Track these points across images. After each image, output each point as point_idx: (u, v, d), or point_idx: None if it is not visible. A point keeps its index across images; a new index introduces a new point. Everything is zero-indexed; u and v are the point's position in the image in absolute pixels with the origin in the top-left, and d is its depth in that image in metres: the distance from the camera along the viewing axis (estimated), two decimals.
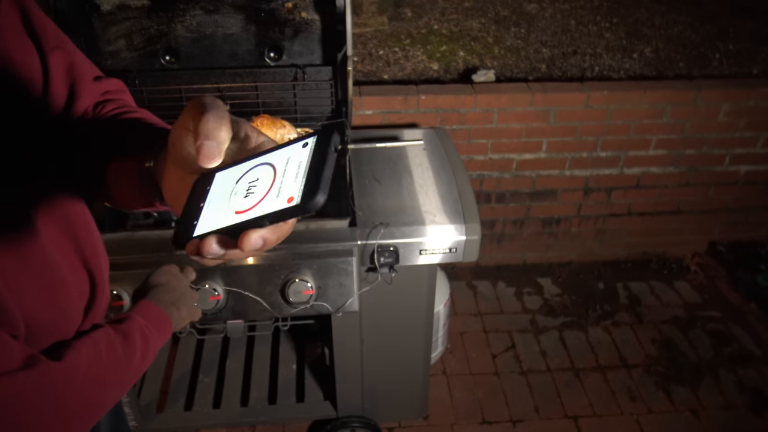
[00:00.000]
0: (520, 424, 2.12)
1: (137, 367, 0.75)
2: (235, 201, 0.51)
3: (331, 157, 0.50)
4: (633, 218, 2.69)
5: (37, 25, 0.67)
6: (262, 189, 0.50)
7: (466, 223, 1.49)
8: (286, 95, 1.77)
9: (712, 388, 2.24)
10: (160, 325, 0.86)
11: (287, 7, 1.67)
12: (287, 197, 0.48)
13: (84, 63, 0.74)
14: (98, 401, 0.67)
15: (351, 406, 1.90)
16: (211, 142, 0.49)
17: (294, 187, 0.48)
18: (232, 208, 0.50)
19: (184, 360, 2.14)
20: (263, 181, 0.50)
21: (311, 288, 1.41)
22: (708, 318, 2.54)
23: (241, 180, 0.52)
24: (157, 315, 0.87)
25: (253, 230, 0.48)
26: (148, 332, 0.80)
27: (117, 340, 0.73)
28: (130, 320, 0.80)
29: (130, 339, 0.75)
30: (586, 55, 2.82)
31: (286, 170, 0.50)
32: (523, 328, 2.49)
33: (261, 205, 0.49)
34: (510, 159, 2.46)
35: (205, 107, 0.50)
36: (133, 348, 0.75)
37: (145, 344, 0.78)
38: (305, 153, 0.51)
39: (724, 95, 2.37)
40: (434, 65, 2.72)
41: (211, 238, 0.48)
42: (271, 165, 0.51)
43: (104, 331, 0.73)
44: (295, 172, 0.50)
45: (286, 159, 0.51)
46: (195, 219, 0.51)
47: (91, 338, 0.69)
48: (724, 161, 2.56)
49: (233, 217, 0.49)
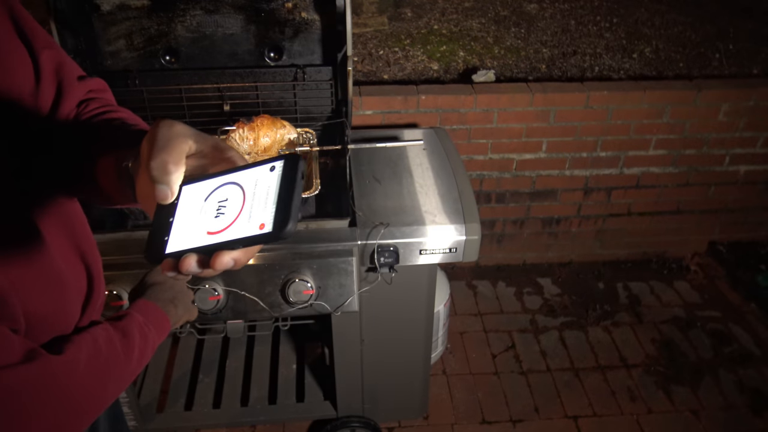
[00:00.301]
0: (520, 424, 2.12)
1: (136, 363, 0.76)
2: (205, 220, 0.54)
3: (298, 185, 0.52)
4: (633, 218, 2.69)
5: (26, 25, 0.68)
6: (232, 211, 0.53)
7: (466, 223, 1.49)
8: (286, 95, 1.77)
9: (712, 388, 2.24)
10: (158, 323, 0.86)
11: (287, 7, 1.67)
12: (258, 223, 0.51)
13: (70, 63, 0.75)
14: (97, 396, 0.68)
15: (351, 406, 1.90)
16: (160, 186, 0.53)
17: (265, 214, 0.51)
18: (204, 227, 0.53)
19: (184, 360, 2.14)
20: (233, 202, 0.53)
21: (311, 288, 1.41)
22: (708, 318, 2.54)
23: (209, 198, 0.55)
24: (155, 313, 0.88)
25: (225, 252, 0.51)
26: (147, 329, 0.81)
27: (116, 336, 0.73)
28: (128, 317, 0.80)
29: (128, 336, 0.76)
30: (586, 55, 2.82)
31: (256, 194, 0.53)
32: (523, 328, 2.49)
33: (233, 228, 0.52)
34: (510, 159, 2.46)
35: (153, 144, 0.53)
36: (132, 345, 0.75)
37: (144, 341, 0.79)
38: (274, 178, 0.53)
39: (724, 95, 2.37)
40: (434, 65, 2.72)
41: (191, 257, 0.51)
42: (240, 186, 0.54)
43: (103, 327, 0.73)
44: (264, 196, 0.52)
45: (255, 181, 0.54)
46: (165, 234, 0.54)
47: (91, 334, 0.70)
48: (724, 161, 2.56)
49: (206, 237, 0.53)
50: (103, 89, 0.80)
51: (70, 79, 0.74)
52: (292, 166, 0.53)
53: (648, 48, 2.89)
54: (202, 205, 0.55)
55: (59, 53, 0.73)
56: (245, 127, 1.59)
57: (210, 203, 0.54)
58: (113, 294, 1.36)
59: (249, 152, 1.61)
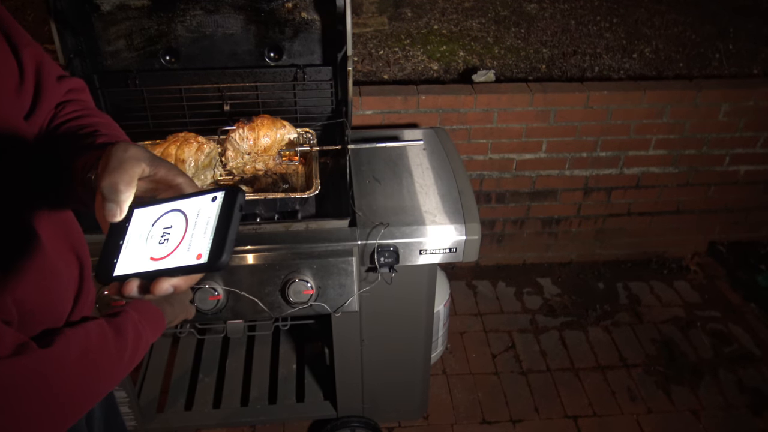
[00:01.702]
0: (520, 424, 2.12)
1: (129, 360, 0.76)
2: (151, 245, 0.58)
3: (236, 217, 0.56)
4: (633, 218, 2.69)
5: (6, 22, 0.68)
6: (174, 239, 0.57)
7: (466, 223, 1.49)
8: (286, 95, 1.77)
9: (712, 388, 2.24)
10: (153, 321, 0.86)
11: (287, 7, 1.67)
12: (196, 253, 0.55)
13: (49, 62, 0.76)
14: (88, 390, 0.68)
15: (351, 406, 1.90)
16: (110, 204, 0.56)
17: (202, 244, 0.55)
18: (148, 253, 0.58)
19: (184, 360, 2.14)
20: (176, 230, 0.58)
21: (311, 288, 1.41)
22: (708, 318, 2.54)
23: (156, 223, 0.59)
24: (151, 310, 0.87)
25: (165, 278, 0.55)
26: (141, 327, 0.81)
27: (110, 332, 0.73)
28: (123, 314, 0.80)
29: (122, 333, 0.76)
30: (586, 55, 2.82)
31: (197, 223, 0.57)
32: (523, 328, 2.49)
33: (173, 256, 0.56)
34: (510, 159, 2.46)
35: (107, 164, 0.57)
36: (125, 342, 0.75)
37: (138, 339, 0.78)
38: (214, 208, 0.57)
39: (724, 95, 2.37)
40: (434, 65, 2.72)
41: (133, 281, 0.56)
42: (184, 214, 0.58)
43: (97, 323, 0.73)
44: (204, 226, 0.56)
45: (197, 210, 0.58)
46: (115, 257, 0.59)
47: (84, 328, 0.70)
48: (724, 161, 2.56)
49: (149, 263, 0.57)
50: (81, 89, 0.82)
51: (50, 79, 0.75)
52: (232, 198, 0.57)
53: (648, 48, 2.89)
54: (150, 229, 0.59)
55: (39, 51, 0.74)
56: (245, 127, 1.59)
57: (156, 229, 0.58)
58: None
59: (249, 152, 1.61)
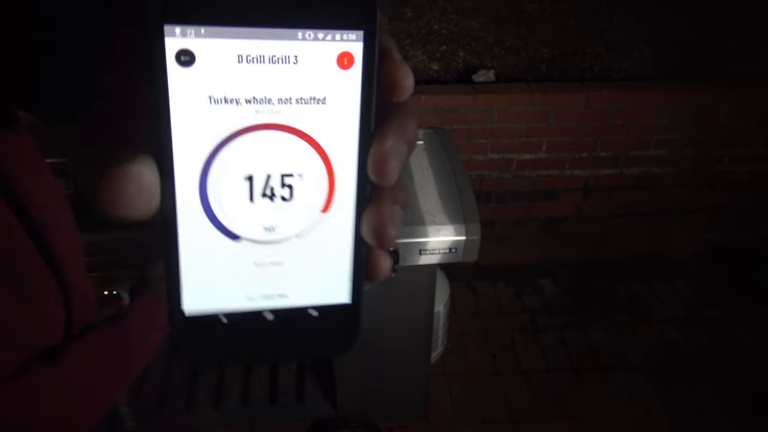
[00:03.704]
0: (520, 424, 2.12)
1: (136, 364, 0.75)
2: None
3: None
4: (633, 218, 2.69)
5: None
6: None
7: (466, 223, 1.49)
8: None
9: (712, 388, 2.24)
10: (159, 321, 0.85)
11: None
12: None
13: None
14: (96, 402, 0.67)
15: (351, 406, 1.90)
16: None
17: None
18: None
19: None
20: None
21: None
22: (708, 318, 2.54)
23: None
24: (157, 311, 0.87)
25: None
26: (147, 329, 0.80)
27: (114, 338, 0.73)
28: (128, 317, 0.79)
29: (127, 336, 0.75)
30: (586, 55, 2.82)
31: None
32: (523, 328, 2.49)
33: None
34: (510, 159, 2.46)
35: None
36: (131, 345, 0.75)
37: (144, 341, 0.78)
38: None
39: (724, 95, 2.37)
40: (434, 65, 2.72)
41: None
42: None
43: (101, 330, 0.72)
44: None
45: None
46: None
47: (88, 339, 0.69)
48: (724, 161, 2.56)
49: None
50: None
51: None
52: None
53: (648, 48, 2.89)
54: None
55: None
56: None
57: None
58: (113, 294, 1.36)
59: None
